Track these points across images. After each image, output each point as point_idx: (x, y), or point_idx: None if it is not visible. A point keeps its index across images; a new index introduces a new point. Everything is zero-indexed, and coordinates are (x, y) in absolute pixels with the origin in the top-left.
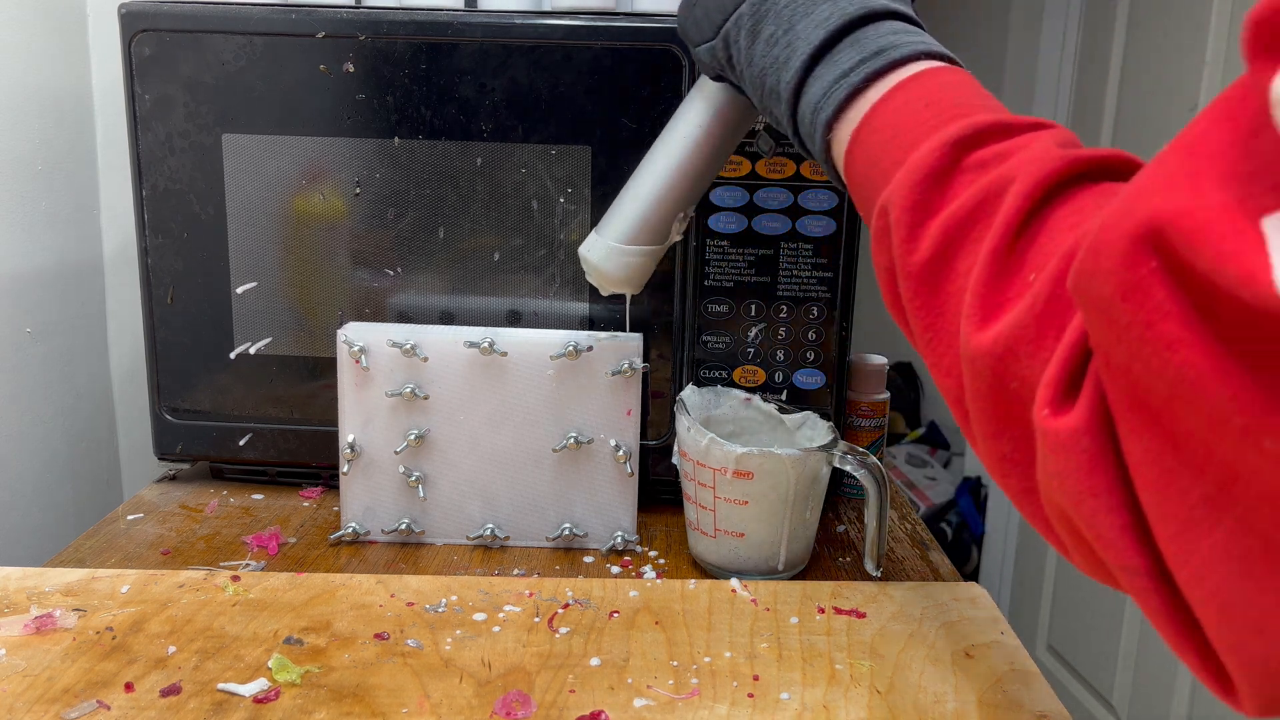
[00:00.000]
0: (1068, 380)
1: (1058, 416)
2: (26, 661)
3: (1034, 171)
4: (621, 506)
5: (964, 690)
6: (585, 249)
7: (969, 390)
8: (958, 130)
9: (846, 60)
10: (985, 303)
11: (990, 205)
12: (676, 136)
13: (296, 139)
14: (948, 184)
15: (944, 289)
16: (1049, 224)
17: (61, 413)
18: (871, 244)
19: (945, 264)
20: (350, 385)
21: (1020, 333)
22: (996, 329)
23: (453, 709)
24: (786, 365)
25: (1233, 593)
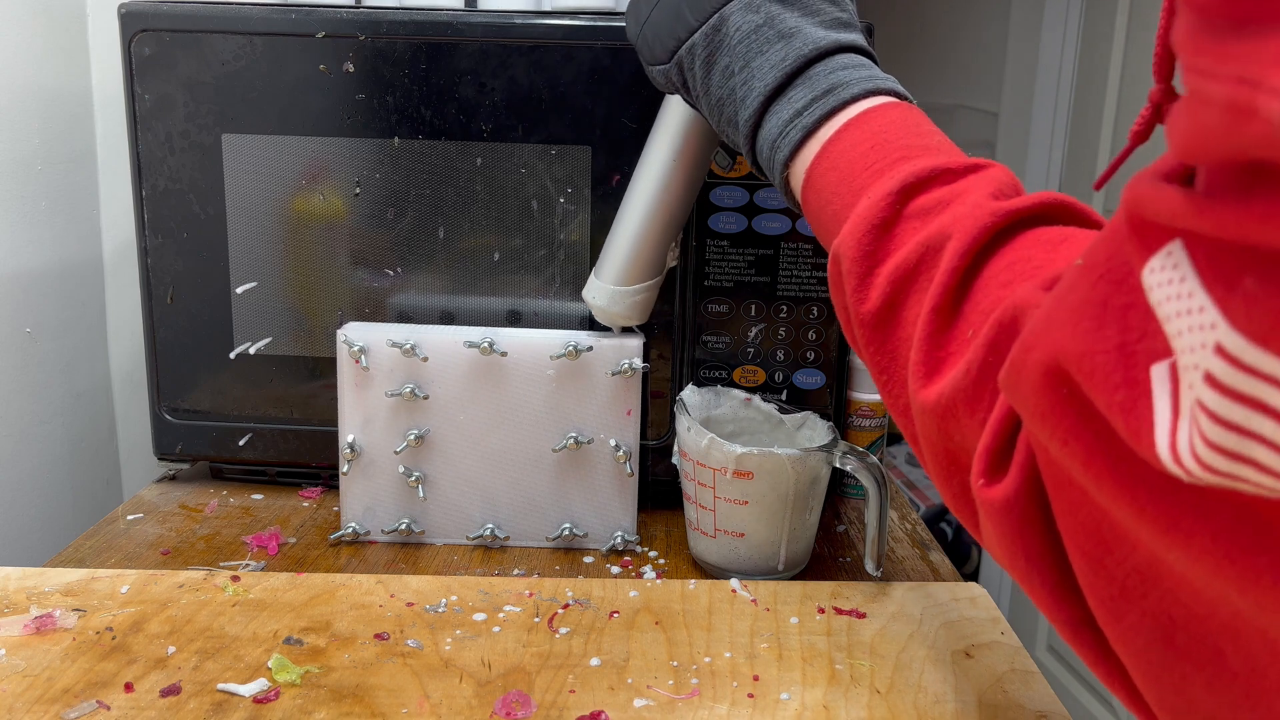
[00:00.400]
0: (998, 451)
1: (990, 486)
2: (26, 662)
3: (968, 228)
4: (621, 506)
5: (964, 690)
6: (589, 295)
7: (920, 436)
8: (900, 179)
9: (800, 99)
10: (928, 359)
11: (931, 259)
12: (653, 170)
13: (296, 139)
14: (892, 233)
15: (894, 335)
16: (984, 278)
17: (61, 413)
18: (830, 287)
19: (894, 313)
20: (350, 385)
21: (958, 395)
22: (939, 387)
23: (453, 709)
24: (786, 365)
25: (1157, 658)
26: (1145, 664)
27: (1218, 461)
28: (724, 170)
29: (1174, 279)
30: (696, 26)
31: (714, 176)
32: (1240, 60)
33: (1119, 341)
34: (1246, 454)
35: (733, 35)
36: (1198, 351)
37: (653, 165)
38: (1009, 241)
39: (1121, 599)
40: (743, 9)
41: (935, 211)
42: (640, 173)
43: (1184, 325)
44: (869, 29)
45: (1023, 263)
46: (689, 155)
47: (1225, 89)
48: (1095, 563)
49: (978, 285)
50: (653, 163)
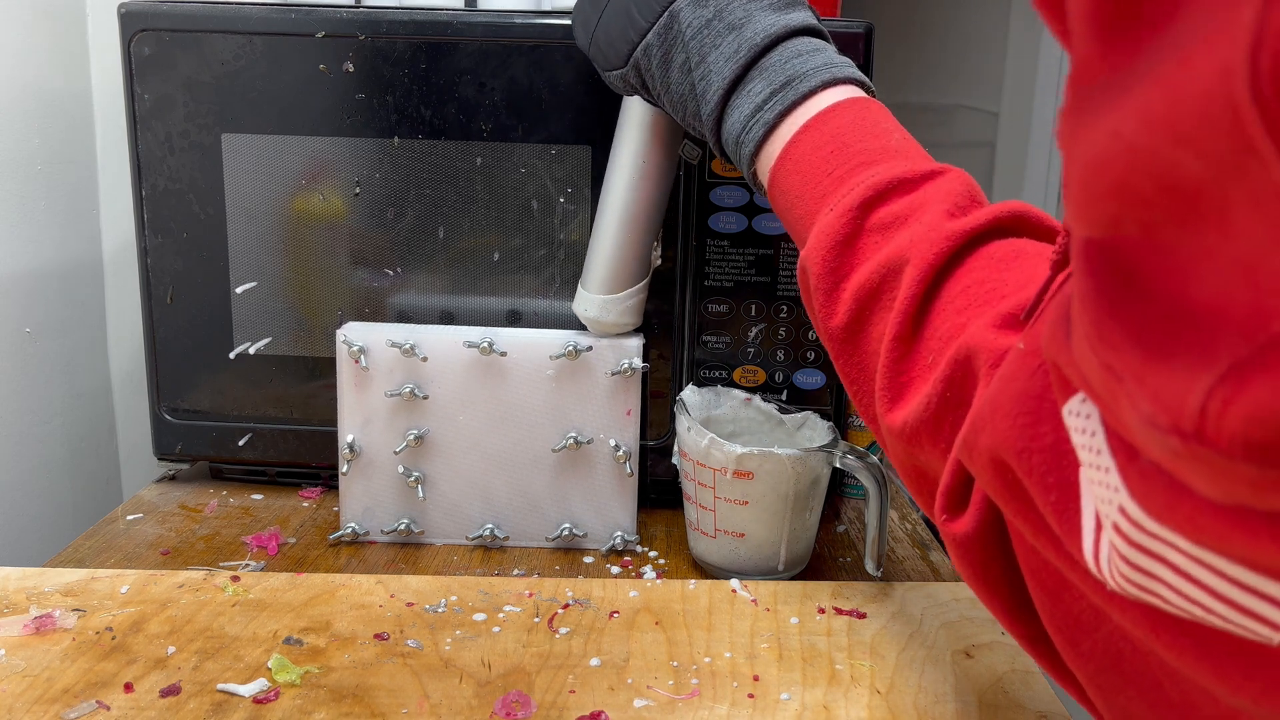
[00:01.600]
0: (958, 490)
1: (951, 522)
2: (26, 662)
3: (923, 253)
4: (621, 507)
5: (964, 690)
6: (580, 309)
7: (889, 452)
8: (860, 194)
9: (759, 92)
10: (891, 385)
11: (892, 279)
12: (624, 172)
13: (296, 139)
14: (855, 247)
15: (861, 350)
16: (941, 302)
17: (61, 413)
18: (800, 291)
19: (860, 329)
20: (349, 385)
21: (921, 426)
22: (903, 414)
23: (453, 709)
24: (786, 365)
25: (1107, 681)
26: (1097, 685)
27: (1130, 588)
28: (693, 162)
29: (1087, 429)
30: (648, 27)
31: (714, 176)
32: (1112, 350)
33: (1053, 439)
34: (1152, 589)
35: (685, 30)
36: (1107, 505)
37: (622, 168)
38: (963, 262)
39: (1076, 629)
40: (691, 4)
41: (895, 226)
42: (611, 177)
43: (1096, 478)
44: (869, 29)
45: (977, 286)
46: (657, 152)
47: (1098, 367)
48: (1050, 600)
49: (935, 310)
50: (622, 165)
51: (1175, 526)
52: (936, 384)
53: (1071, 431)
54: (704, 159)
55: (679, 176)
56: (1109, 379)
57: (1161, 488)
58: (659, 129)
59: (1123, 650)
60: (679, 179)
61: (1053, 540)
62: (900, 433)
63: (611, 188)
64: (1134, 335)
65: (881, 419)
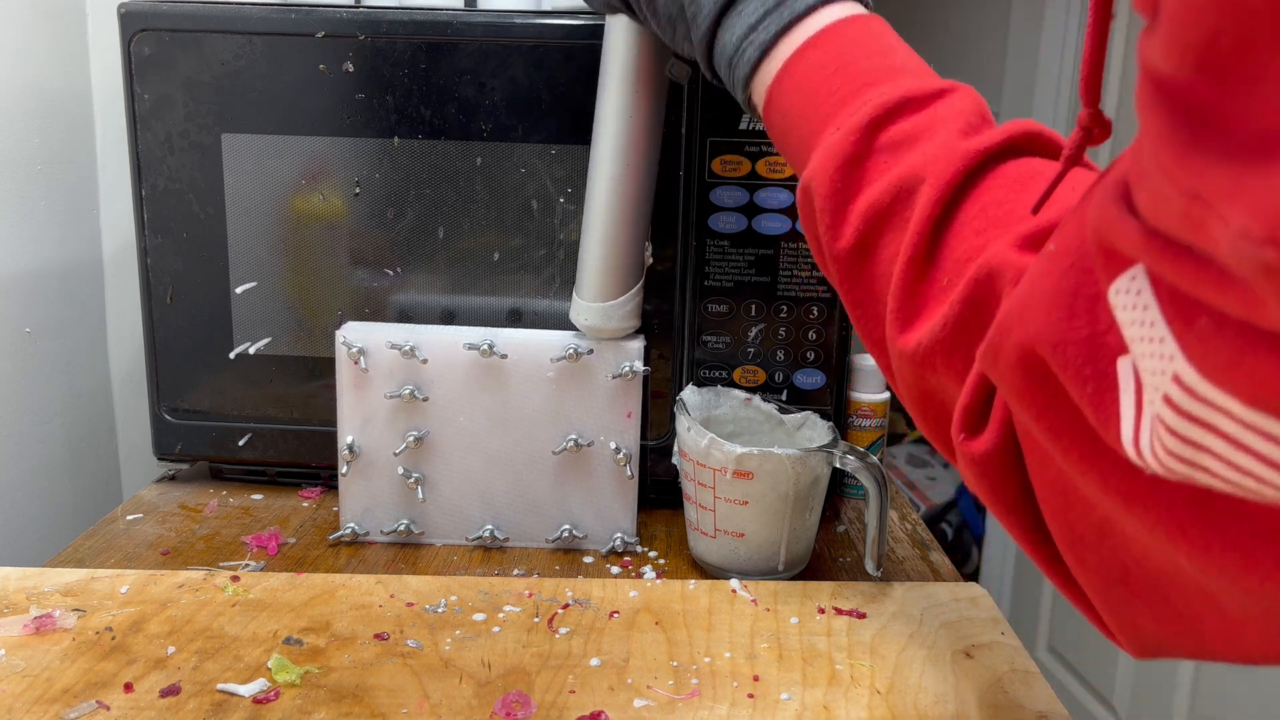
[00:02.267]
0: (977, 408)
1: (970, 441)
2: (26, 662)
3: (940, 173)
4: (621, 509)
5: (964, 690)
6: (579, 318)
7: (897, 378)
8: (868, 112)
9: (752, 12)
10: (904, 307)
11: (904, 199)
12: (606, 178)
13: (296, 139)
14: (863, 168)
15: (869, 273)
16: (957, 224)
17: (61, 413)
18: (799, 211)
19: (869, 252)
20: (349, 386)
21: (936, 347)
22: (917, 336)
23: (452, 709)
24: (786, 365)
25: (1114, 595)
26: (1105, 599)
27: (1174, 464)
28: (681, 81)
29: (1137, 304)
30: None
31: (714, 176)
32: (1196, 176)
33: (1089, 332)
34: (1199, 463)
35: None
36: (1158, 376)
37: (605, 169)
38: (980, 182)
39: (1082, 546)
40: None
41: (905, 146)
42: (593, 179)
43: (1146, 350)
44: None
45: (994, 206)
46: (638, 150)
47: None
48: (1059, 515)
49: (951, 232)
50: (601, 174)
51: (1232, 389)
52: (954, 305)
53: (1118, 311)
54: (689, 125)
55: (679, 177)
56: (1195, 208)
57: (1221, 347)
58: (637, 118)
59: (1128, 564)
60: (679, 179)
61: (1076, 441)
62: (913, 355)
63: (595, 191)
64: (1224, 155)
65: (893, 342)
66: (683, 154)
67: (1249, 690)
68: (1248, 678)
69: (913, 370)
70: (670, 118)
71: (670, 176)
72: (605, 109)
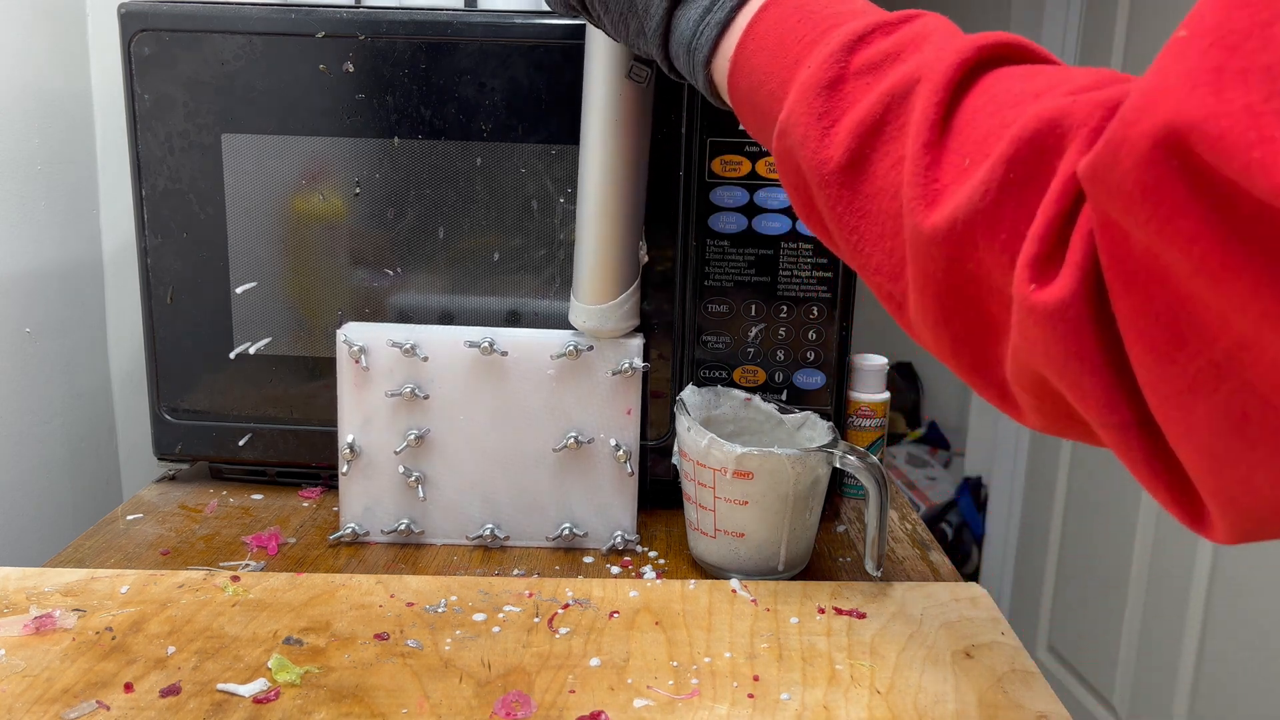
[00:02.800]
0: (1045, 256)
1: (1042, 289)
2: (26, 662)
3: (941, 68)
4: (621, 506)
5: (964, 690)
6: (577, 320)
7: (917, 278)
8: (840, 39)
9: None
10: (927, 190)
11: (898, 108)
12: (595, 181)
13: (296, 139)
14: (844, 90)
15: (863, 190)
16: (966, 112)
17: (61, 413)
18: (777, 168)
19: (862, 166)
20: (349, 385)
21: (976, 219)
22: (950, 213)
23: (453, 709)
24: (786, 365)
25: (1225, 450)
26: (1210, 457)
27: None
28: (642, 83)
29: None
30: None
31: (714, 176)
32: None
33: (1244, 103)
34: None
35: None
36: None
37: (591, 178)
38: (981, 78)
39: (1190, 393)
40: None
41: (887, 64)
42: (583, 188)
43: None
44: None
45: (1004, 93)
46: (625, 151)
47: None
48: (1166, 357)
49: (961, 120)
50: (590, 177)
51: None
52: (997, 168)
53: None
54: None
55: (679, 177)
56: None
57: None
58: (622, 119)
59: (1249, 412)
60: (679, 179)
61: (1220, 240)
62: (947, 236)
63: (585, 194)
64: None
65: (919, 229)
66: (683, 154)
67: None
68: (1248, 678)
69: (945, 253)
70: (670, 118)
71: (670, 176)
72: (590, 111)
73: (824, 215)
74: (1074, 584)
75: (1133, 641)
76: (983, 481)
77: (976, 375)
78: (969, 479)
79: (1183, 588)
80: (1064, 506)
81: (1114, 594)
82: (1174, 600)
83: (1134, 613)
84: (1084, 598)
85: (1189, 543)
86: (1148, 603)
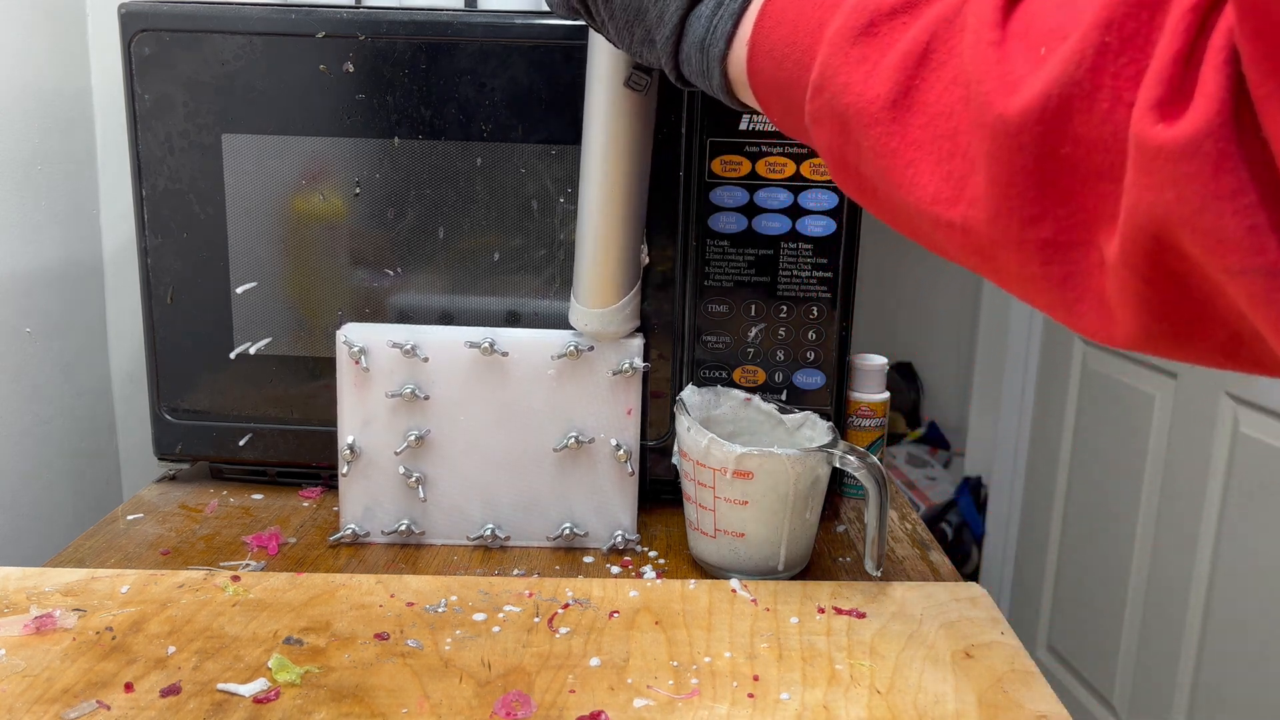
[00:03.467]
0: (1172, 96)
1: (1173, 125)
2: (26, 662)
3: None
4: (622, 505)
5: (964, 690)
6: (579, 323)
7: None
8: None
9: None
10: (1004, 84)
11: (945, 33)
12: (597, 185)
13: (296, 139)
14: (879, 33)
15: (915, 121)
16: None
17: (61, 413)
18: (811, 131)
19: (912, 96)
20: (349, 386)
21: (1074, 89)
22: (1042, 90)
23: (453, 709)
24: (786, 365)
25: None
26: None
27: None
28: (641, 90)
29: None
30: None
31: (714, 176)
32: None
33: None
34: None
35: None
36: None
37: (593, 181)
38: None
39: None
40: None
41: (921, 3)
42: (585, 191)
43: None
44: None
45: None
46: (627, 154)
47: None
48: None
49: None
50: (592, 180)
51: None
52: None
53: None
54: (689, 125)
55: (679, 177)
56: None
57: None
58: (624, 122)
59: None
60: (679, 179)
61: None
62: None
63: (587, 197)
64: None
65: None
66: (683, 154)
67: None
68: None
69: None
70: (670, 118)
71: (670, 176)
72: (593, 113)
73: (869, 160)
74: (1074, 584)
75: (1133, 641)
76: (983, 481)
77: (1065, 287)
78: (969, 479)
79: (1183, 588)
80: (1064, 506)
81: (1114, 594)
82: (1174, 600)
83: (1134, 613)
84: (1084, 598)
85: (1189, 543)
86: (1148, 603)
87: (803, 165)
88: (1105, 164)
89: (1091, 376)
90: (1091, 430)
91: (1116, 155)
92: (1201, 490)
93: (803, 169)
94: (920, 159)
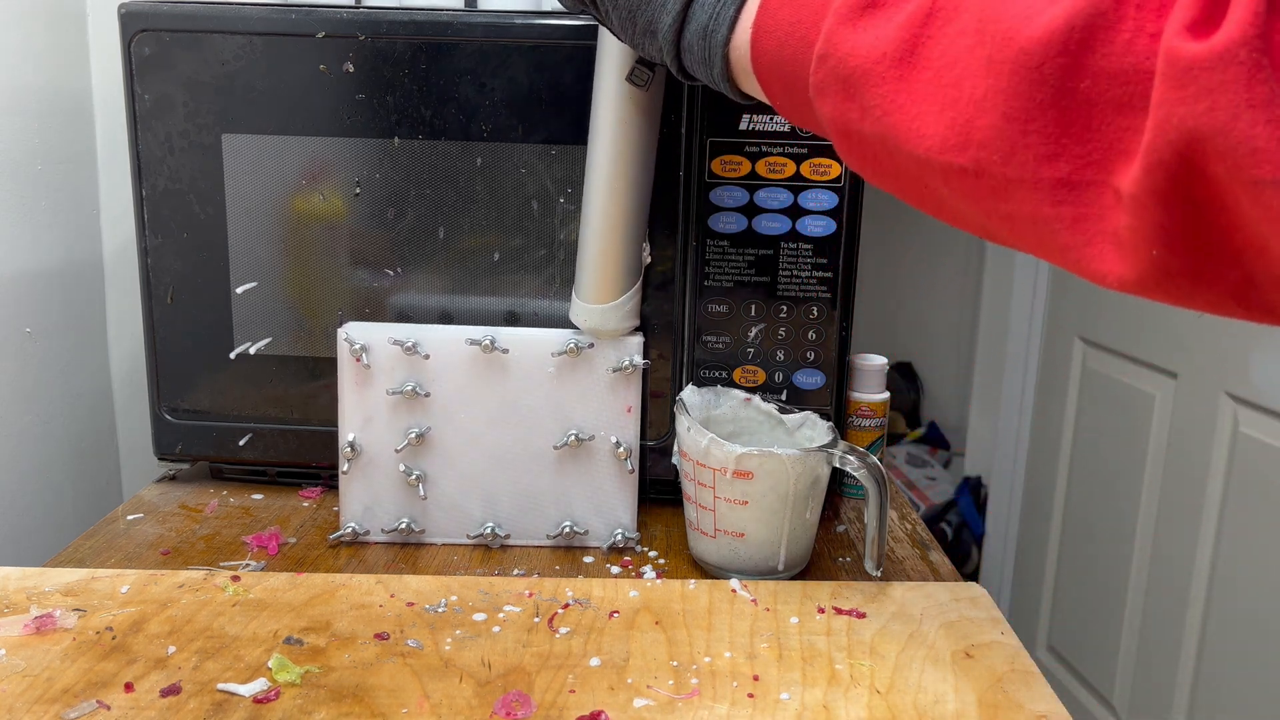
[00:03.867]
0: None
1: (1205, 40)
2: (26, 662)
3: None
4: (622, 503)
5: (964, 690)
6: (580, 319)
7: (1017, 115)
8: None
9: None
10: (1025, 13)
11: None
12: (602, 181)
13: (296, 139)
14: (884, 4)
15: (920, 76)
16: None
17: (61, 413)
18: (815, 104)
19: (918, 53)
20: (350, 384)
21: (1096, 19)
22: (1065, 19)
23: (453, 709)
24: (786, 365)
25: None
26: None
27: None
28: (642, 85)
29: None
30: None
31: (714, 176)
32: None
33: None
34: None
35: None
36: None
37: (598, 178)
38: None
39: None
40: None
41: None
42: (590, 188)
43: None
44: None
45: None
46: (633, 152)
47: None
48: None
49: None
50: (598, 177)
51: None
52: None
53: None
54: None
55: (679, 177)
56: None
57: None
58: (631, 120)
59: None
60: (679, 179)
61: None
62: (1064, 44)
63: (592, 193)
64: None
65: (1023, 47)
66: (683, 154)
67: (1249, 690)
68: (1248, 678)
69: (1059, 69)
70: (670, 118)
71: (670, 176)
72: (600, 111)
73: (874, 120)
74: (1074, 584)
75: (1133, 641)
76: (982, 481)
77: (1076, 229)
78: (969, 479)
79: (1183, 588)
80: (1064, 506)
81: (1114, 594)
82: (1174, 600)
83: (1134, 613)
84: (1084, 598)
85: (1189, 543)
86: (1148, 603)
87: (803, 165)
88: (1124, 96)
89: (1091, 376)
90: (1091, 430)
91: (1136, 86)
92: (1201, 490)
93: (803, 169)
94: (925, 111)
